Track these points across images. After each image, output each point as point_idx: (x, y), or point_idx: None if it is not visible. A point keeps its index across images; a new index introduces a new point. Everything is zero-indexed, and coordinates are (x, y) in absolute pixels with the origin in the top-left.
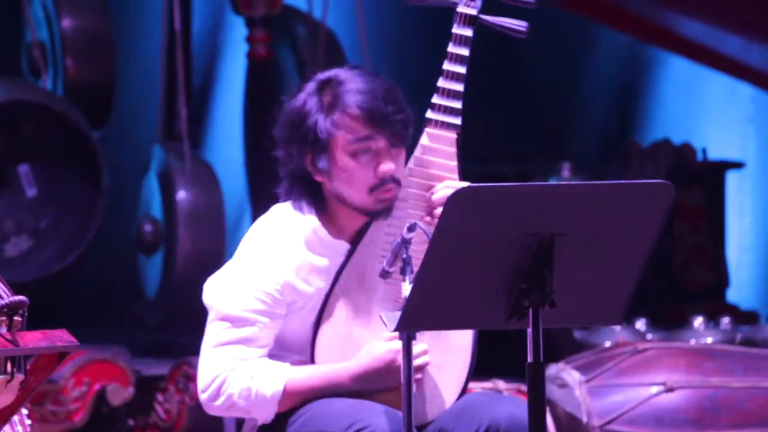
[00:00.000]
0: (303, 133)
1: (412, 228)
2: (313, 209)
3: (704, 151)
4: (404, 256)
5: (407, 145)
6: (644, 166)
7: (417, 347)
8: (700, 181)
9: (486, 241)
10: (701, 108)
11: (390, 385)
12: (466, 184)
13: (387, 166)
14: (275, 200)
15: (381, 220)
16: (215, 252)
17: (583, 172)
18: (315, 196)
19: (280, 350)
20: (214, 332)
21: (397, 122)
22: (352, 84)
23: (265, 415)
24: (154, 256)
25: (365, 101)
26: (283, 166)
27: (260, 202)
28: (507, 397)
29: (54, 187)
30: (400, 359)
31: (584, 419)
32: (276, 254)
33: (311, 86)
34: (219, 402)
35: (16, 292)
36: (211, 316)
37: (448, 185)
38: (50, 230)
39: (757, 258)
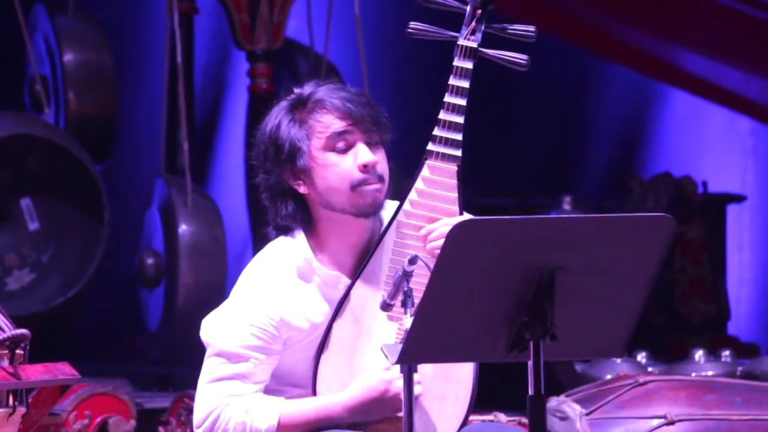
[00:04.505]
0: (278, 144)
1: (413, 260)
2: (303, 231)
3: (705, 184)
4: (405, 288)
5: (385, 144)
6: (645, 199)
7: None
8: (701, 215)
9: (487, 274)
10: (701, 141)
11: (384, 415)
12: (467, 217)
13: (367, 157)
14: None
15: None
16: (217, 285)
17: (584, 205)
18: (303, 213)
19: (279, 385)
20: (209, 368)
21: (370, 116)
22: (321, 91)
23: None
24: (156, 289)
25: (336, 99)
26: (265, 189)
27: (262, 236)
28: (508, 427)
29: (56, 221)
30: (393, 389)
31: None
32: (270, 290)
33: (281, 104)
34: None
35: (18, 326)
36: (207, 353)
37: (447, 222)
38: (52, 263)
39: (757, 291)
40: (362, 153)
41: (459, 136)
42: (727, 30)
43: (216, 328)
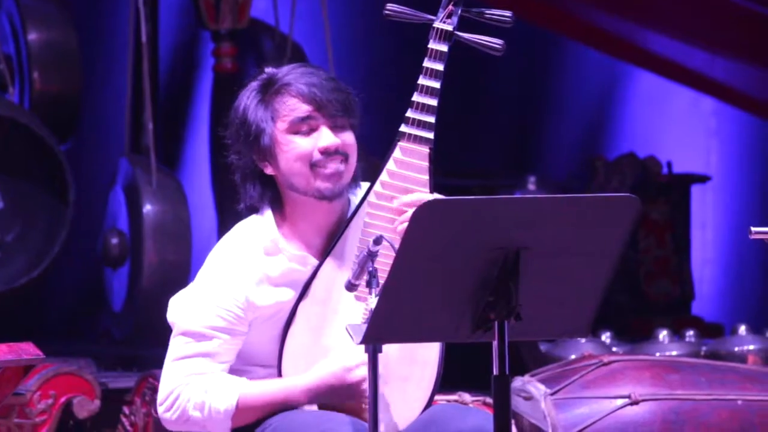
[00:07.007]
0: (246, 124)
1: (378, 240)
2: (272, 210)
3: (669, 164)
4: (370, 268)
5: (354, 126)
6: (610, 180)
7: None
8: (665, 195)
9: (452, 254)
10: (666, 121)
11: (343, 401)
12: (436, 196)
13: (328, 140)
14: (241, 214)
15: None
16: (181, 265)
17: (549, 185)
18: (271, 194)
19: (245, 365)
20: (174, 347)
21: (337, 102)
22: (290, 74)
23: (220, 430)
24: (121, 269)
25: (303, 83)
26: (237, 169)
27: (227, 215)
28: (473, 409)
29: (20, 200)
30: (353, 378)
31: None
32: (237, 271)
33: (251, 84)
34: (175, 415)
35: None
36: (173, 333)
37: (419, 198)
38: (16, 243)
39: (719, 271)
40: (324, 136)
41: (432, 119)
42: (691, 10)
43: (182, 309)
